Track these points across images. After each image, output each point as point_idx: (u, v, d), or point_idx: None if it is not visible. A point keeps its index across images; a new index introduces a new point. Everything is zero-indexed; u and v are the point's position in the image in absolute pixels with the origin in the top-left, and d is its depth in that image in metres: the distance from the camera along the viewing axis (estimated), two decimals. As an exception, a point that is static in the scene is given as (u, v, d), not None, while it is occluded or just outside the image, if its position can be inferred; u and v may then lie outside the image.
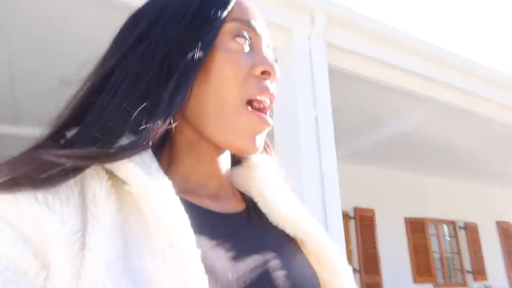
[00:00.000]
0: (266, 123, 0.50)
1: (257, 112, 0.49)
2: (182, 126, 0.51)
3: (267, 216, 0.55)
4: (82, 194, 0.39)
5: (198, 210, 0.47)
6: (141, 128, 0.42)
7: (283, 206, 0.55)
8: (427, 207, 6.90)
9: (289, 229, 0.55)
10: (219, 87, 0.48)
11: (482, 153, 5.68)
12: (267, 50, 0.54)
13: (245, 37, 0.50)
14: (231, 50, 0.49)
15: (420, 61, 3.68)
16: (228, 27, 0.50)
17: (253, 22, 0.52)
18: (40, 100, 3.09)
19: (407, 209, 6.69)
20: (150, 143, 0.43)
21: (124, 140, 0.41)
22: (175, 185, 0.44)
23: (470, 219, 7.37)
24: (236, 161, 0.61)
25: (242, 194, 0.59)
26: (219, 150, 0.54)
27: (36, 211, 0.36)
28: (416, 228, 6.70)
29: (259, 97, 0.49)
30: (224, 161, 0.55)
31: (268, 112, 0.51)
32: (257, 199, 0.57)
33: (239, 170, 0.60)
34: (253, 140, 0.49)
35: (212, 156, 0.53)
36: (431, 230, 6.96)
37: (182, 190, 0.47)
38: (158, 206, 0.39)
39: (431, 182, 6.95)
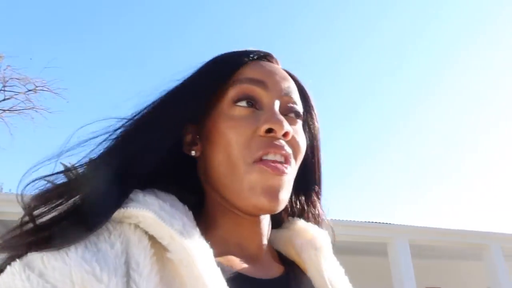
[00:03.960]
0: (278, 171, 0.49)
1: (267, 163, 0.49)
2: (212, 194, 0.54)
3: (313, 282, 0.55)
4: (127, 263, 0.41)
5: (237, 277, 0.48)
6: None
7: (333, 279, 0.55)
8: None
9: None
10: (226, 153, 0.50)
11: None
12: (288, 101, 0.54)
13: (246, 100, 0.51)
14: (232, 116, 0.51)
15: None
16: (230, 92, 0.52)
17: (261, 79, 0.52)
18: None
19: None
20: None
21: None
22: (214, 247, 0.46)
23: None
24: (277, 222, 0.61)
25: (281, 255, 0.59)
26: (258, 216, 0.54)
27: (85, 281, 0.38)
28: None
29: (265, 157, 0.49)
30: (262, 224, 0.55)
31: (283, 166, 0.49)
32: (306, 265, 0.56)
33: (281, 233, 0.60)
34: (268, 195, 0.48)
35: (249, 220, 0.54)
36: None
37: (221, 253, 0.49)
38: (199, 277, 0.41)
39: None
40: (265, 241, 0.56)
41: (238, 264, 0.51)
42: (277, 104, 0.52)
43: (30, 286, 0.37)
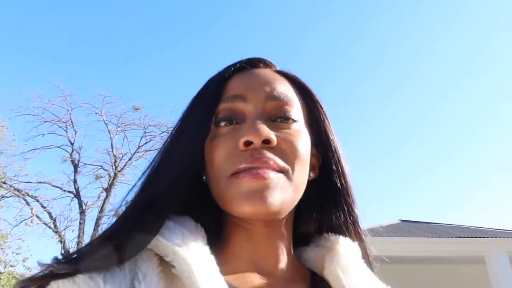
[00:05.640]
0: (257, 177, 0.48)
1: (245, 174, 0.48)
2: (223, 213, 0.54)
3: None
4: (133, 280, 0.43)
5: None
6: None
7: None
8: None
9: None
10: (212, 171, 0.52)
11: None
12: (275, 106, 0.53)
13: (224, 121, 0.53)
14: (216, 136, 0.53)
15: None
16: (216, 112, 0.54)
17: (239, 93, 0.53)
18: None
19: None
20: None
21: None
22: (226, 264, 0.47)
23: None
24: (305, 238, 0.61)
25: (314, 274, 0.57)
26: (268, 227, 0.53)
27: None
28: None
29: (245, 169, 0.49)
30: (276, 237, 0.54)
31: (267, 171, 0.48)
32: (334, 285, 0.53)
33: (314, 250, 0.59)
34: (249, 200, 0.48)
35: (261, 233, 0.53)
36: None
37: (233, 270, 0.50)
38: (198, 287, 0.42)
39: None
40: (282, 256, 0.55)
41: (250, 281, 0.51)
42: (257, 113, 0.53)
43: None
